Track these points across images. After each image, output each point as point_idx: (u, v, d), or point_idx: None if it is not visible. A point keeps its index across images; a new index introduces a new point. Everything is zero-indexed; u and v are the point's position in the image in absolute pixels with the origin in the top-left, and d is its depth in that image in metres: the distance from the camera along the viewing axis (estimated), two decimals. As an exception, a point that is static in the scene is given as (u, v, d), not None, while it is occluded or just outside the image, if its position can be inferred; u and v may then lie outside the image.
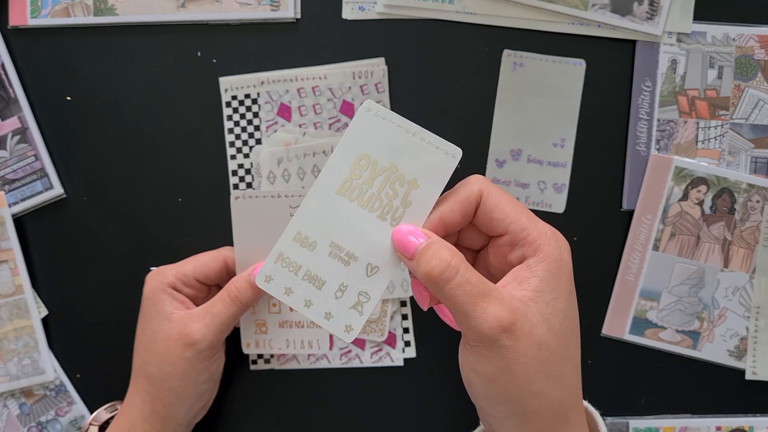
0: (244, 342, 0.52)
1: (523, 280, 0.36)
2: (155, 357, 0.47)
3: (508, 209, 0.38)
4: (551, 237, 0.37)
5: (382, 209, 0.38)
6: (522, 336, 0.35)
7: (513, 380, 0.35)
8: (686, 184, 0.54)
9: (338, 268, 0.38)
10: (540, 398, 0.36)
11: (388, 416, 0.55)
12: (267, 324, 0.51)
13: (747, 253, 0.54)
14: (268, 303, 0.51)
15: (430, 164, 0.38)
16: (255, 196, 0.48)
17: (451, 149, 0.39)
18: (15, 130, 0.54)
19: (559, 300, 0.37)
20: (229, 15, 0.53)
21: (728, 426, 0.55)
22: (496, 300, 0.35)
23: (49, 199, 0.54)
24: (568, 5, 0.52)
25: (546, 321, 0.36)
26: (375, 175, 0.38)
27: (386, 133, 0.38)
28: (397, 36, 0.54)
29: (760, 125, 0.54)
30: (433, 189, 0.38)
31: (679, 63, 0.54)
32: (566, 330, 0.37)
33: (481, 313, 0.35)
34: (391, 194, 0.38)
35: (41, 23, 0.54)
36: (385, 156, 0.38)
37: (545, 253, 0.37)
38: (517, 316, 0.35)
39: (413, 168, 0.38)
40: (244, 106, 0.54)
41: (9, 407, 0.55)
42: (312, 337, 0.51)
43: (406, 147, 0.38)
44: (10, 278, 0.54)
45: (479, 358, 0.36)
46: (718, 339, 0.54)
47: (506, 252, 0.39)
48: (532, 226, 0.37)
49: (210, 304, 0.48)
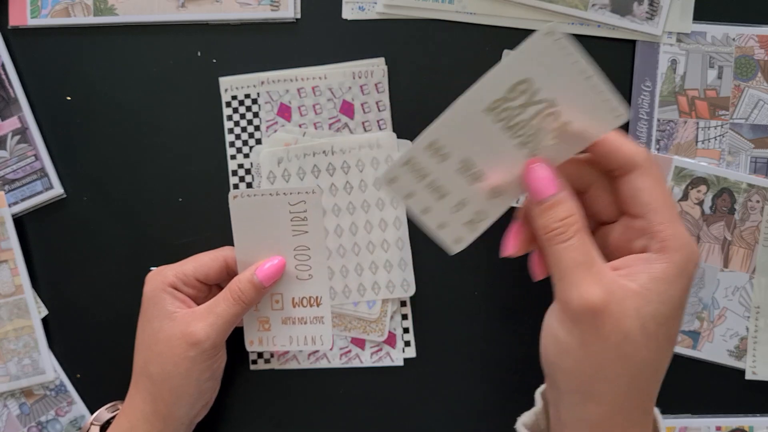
0: (247, 340, 0.51)
1: (635, 271, 0.35)
2: (157, 356, 0.47)
3: (656, 195, 0.36)
4: (685, 244, 0.35)
5: (526, 137, 0.37)
6: (608, 321, 0.34)
7: (585, 358, 0.35)
8: (686, 184, 0.54)
9: (463, 184, 0.38)
10: (609, 385, 0.35)
11: (388, 416, 0.55)
12: (270, 321, 0.51)
13: (747, 253, 0.54)
14: (271, 300, 0.50)
15: (593, 114, 0.36)
16: (253, 195, 0.48)
17: (619, 108, 0.36)
18: (15, 130, 0.54)
19: (664, 306, 0.34)
20: (229, 15, 0.53)
21: (728, 426, 0.55)
22: (596, 277, 0.34)
23: (49, 199, 0.54)
24: (567, 5, 0.53)
25: (640, 318, 0.34)
26: (531, 103, 0.36)
27: (560, 65, 0.35)
28: (397, 36, 0.54)
29: (760, 125, 0.54)
30: (583, 139, 0.37)
31: (678, 63, 0.54)
32: (661, 337, 0.35)
33: (577, 283, 0.34)
34: (540, 127, 0.36)
35: (41, 23, 0.54)
36: (550, 88, 0.36)
37: (670, 258, 0.35)
38: (611, 299, 0.34)
39: (574, 110, 0.36)
40: (244, 106, 0.54)
41: (9, 407, 0.55)
42: (315, 333, 0.50)
43: (575, 87, 0.36)
44: (10, 278, 0.54)
45: (561, 325, 0.35)
46: (718, 339, 0.54)
47: (633, 237, 0.37)
48: (671, 224, 0.35)
49: (213, 304, 0.48)
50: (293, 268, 0.50)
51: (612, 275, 0.35)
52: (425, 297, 0.54)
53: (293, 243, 0.49)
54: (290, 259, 0.49)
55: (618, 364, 0.34)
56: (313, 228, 0.49)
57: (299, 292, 0.50)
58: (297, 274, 0.50)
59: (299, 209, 0.48)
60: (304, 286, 0.50)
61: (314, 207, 0.48)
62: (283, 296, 0.50)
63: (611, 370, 0.35)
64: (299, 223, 0.49)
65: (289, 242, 0.49)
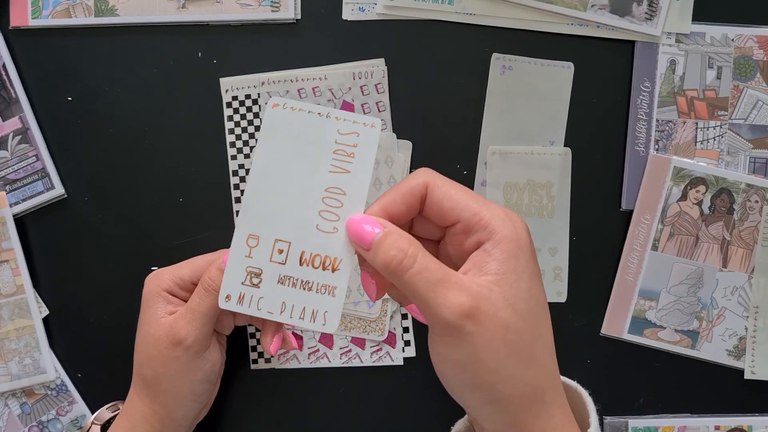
0: (223, 293, 0.39)
1: (482, 264, 0.36)
2: (149, 360, 0.47)
3: (458, 196, 0.37)
4: (505, 218, 0.36)
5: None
6: (487, 320, 0.34)
7: (483, 366, 0.35)
8: (685, 184, 0.54)
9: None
10: (513, 382, 0.35)
11: (388, 416, 0.55)
12: (263, 275, 0.38)
13: (746, 253, 0.54)
14: (273, 247, 0.38)
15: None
16: (298, 108, 0.39)
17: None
18: (16, 130, 0.54)
19: (522, 280, 0.36)
20: (230, 16, 0.53)
21: (727, 425, 0.55)
22: (456, 286, 0.35)
23: (50, 199, 0.54)
24: (567, 6, 0.53)
25: (511, 303, 0.35)
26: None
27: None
28: (397, 36, 0.54)
29: (759, 125, 0.54)
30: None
31: (678, 63, 0.54)
32: (533, 310, 0.36)
33: (443, 299, 0.34)
34: None
35: (42, 24, 0.54)
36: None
37: (501, 235, 0.36)
38: (480, 300, 0.34)
39: None
40: (245, 106, 0.54)
41: (10, 407, 0.55)
42: (319, 306, 0.38)
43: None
44: (11, 278, 0.54)
45: (447, 347, 0.36)
46: (717, 339, 0.54)
47: (462, 240, 0.38)
48: (484, 210, 0.36)
49: (189, 301, 0.47)
50: (315, 214, 0.38)
51: (468, 279, 0.35)
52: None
53: (326, 180, 0.38)
54: (316, 200, 0.38)
55: (512, 358, 0.35)
56: (359, 169, 0.38)
57: (314, 246, 0.38)
58: (318, 223, 0.38)
59: (348, 141, 0.38)
60: (323, 240, 0.38)
61: (368, 143, 0.38)
62: (290, 246, 0.38)
63: (509, 366, 0.35)
64: (342, 158, 0.38)
65: (322, 178, 0.38)
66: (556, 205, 0.54)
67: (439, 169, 0.39)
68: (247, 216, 0.38)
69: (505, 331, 0.35)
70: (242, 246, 0.38)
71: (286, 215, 0.38)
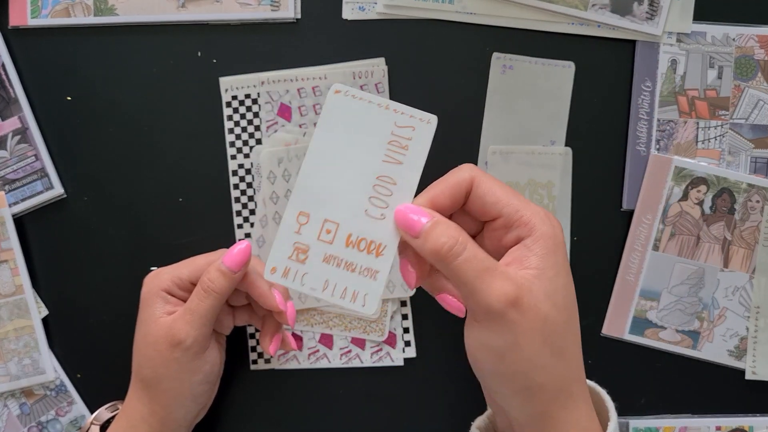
0: (269, 265, 0.40)
1: (523, 259, 0.37)
2: (148, 360, 0.47)
3: (500, 193, 0.38)
4: (544, 216, 0.38)
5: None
6: (528, 310, 0.36)
7: (520, 355, 0.36)
8: (686, 184, 0.54)
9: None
10: (545, 372, 0.37)
11: (388, 416, 0.55)
12: (309, 252, 0.40)
13: (747, 252, 0.54)
14: (322, 227, 0.40)
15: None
16: (359, 98, 0.40)
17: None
18: (15, 130, 0.54)
19: (560, 276, 0.38)
20: (230, 15, 0.53)
21: (728, 426, 0.55)
22: (503, 275, 0.36)
23: (49, 199, 0.54)
24: (568, 5, 0.53)
25: (549, 297, 0.37)
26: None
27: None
28: (397, 36, 0.54)
29: (760, 125, 0.54)
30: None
31: (678, 63, 0.54)
32: (567, 305, 0.38)
33: (489, 287, 0.36)
34: None
35: (41, 23, 0.54)
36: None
37: (541, 232, 0.37)
38: (523, 291, 0.36)
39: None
40: (245, 106, 0.54)
41: (9, 407, 0.55)
42: (360, 288, 0.40)
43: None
44: (10, 278, 0.54)
45: (488, 333, 0.37)
46: (718, 339, 0.54)
47: (501, 235, 0.39)
48: (525, 208, 0.38)
49: (188, 301, 0.47)
50: (366, 200, 0.40)
51: (512, 270, 0.37)
52: (425, 297, 0.54)
53: (379, 169, 0.40)
54: (367, 186, 0.40)
55: (547, 348, 0.37)
56: (411, 161, 0.40)
57: (361, 229, 0.40)
58: (367, 209, 0.40)
59: (404, 134, 0.40)
60: (371, 225, 0.40)
61: (422, 138, 0.40)
62: (338, 227, 0.40)
63: (543, 356, 0.37)
64: (396, 149, 0.40)
65: (376, 166, 0.40)
66: (557, 205, 0.54)
67: (439, 168, 0.39)
68: (300, 194, 0.40)
69: (543, 322, 0.37)
70: (292, 222, 0.40)
71: (338, 197, 0.40)
